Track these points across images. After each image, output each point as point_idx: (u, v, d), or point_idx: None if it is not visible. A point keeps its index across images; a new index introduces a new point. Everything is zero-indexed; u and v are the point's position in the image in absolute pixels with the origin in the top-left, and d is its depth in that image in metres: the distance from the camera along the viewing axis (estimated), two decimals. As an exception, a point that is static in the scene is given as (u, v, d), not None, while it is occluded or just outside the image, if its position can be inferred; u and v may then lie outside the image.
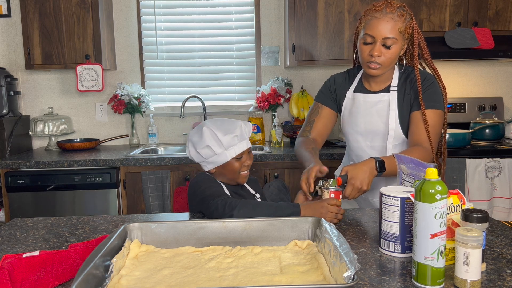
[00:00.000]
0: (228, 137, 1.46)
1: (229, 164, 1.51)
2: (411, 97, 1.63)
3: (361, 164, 1.45)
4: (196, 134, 1.51)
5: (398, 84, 1.66)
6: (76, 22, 2.92)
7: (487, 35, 2.86)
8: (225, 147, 1.48)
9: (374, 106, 1.67)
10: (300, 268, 1.01)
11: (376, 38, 1.53)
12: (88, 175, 2.67)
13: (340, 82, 1.79)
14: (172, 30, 3.31)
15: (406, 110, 1.64)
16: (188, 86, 3.36)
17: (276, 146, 3.02)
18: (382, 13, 1.52)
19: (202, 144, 1.47)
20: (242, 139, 1.51)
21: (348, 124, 1.75)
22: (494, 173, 2.60)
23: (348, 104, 1.74)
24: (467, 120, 3.18)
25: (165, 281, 0.96)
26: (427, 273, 0.92)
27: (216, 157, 1.49)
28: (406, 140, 1.65)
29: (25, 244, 1.24)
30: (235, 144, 1.49)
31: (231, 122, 1.52)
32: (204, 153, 1.49)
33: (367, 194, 1.75)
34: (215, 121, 1.52)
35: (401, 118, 1.64)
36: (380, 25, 1.52)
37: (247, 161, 1.54)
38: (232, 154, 1.49)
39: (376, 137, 1.68)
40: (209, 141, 1.46)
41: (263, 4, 3.26)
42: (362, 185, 1.41)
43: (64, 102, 3.31)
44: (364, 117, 1.68)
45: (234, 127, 1.49)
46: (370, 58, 1.56)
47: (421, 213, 0.92)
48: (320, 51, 2.95)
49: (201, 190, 1.46)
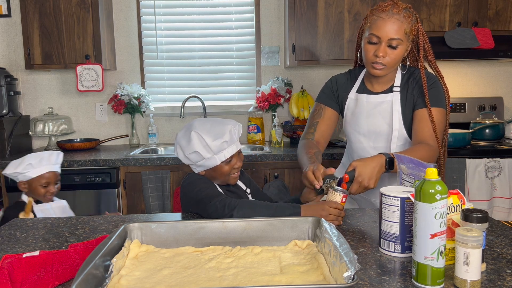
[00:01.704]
0: (217, 142, 1.43)
1: (218, 168, 1.49)
2: (414, 96, 1.62)
3: (370, 161, 1.40)
4: (183, 138, 1.47)
5: (401, 85, 1.65)
6: (76, 22, 2.92)
7: (487, 35, 2.86)
8: (214, 152, 1.44)
9: (377, 107, 1.66)
10: (300, 268, 1.01)
11: (382, 38, 1.52)
12: (88, 175, 2.67)
13: (342, 82, 1.77)
14: (172, 30, 3.31)
15: (409, 109, 1.63)
16: (188, 86, 3.36)
17: (276, 146, 3.02)
18: (388, 14, 1.51)
19: (190, 149, 1.44)
20: (232, 143, 1.47)
21: (350, 125, 1.74)
22: (494, 173, 2.60)
23: (351, 105, 1.74)
24: (467, 120, 3.18)
25: (165, 281, 0.96)
26: (427, 273, 0.92)
27: (205, 161, 1.46)
28: (409, 140, 1.65)
29: (25, 244, 1.24)
30: (225, 149, 1.46)
31: (220, 124, 1.47)
32: (193, 158, 1.46)
33: (369, 194, 1.75)
34: (204, 124, 1.47)
35: (404, 118, 1.63)
36: (387, 25, 1.51)
37: (237, 163, 1.51)
38: (221, 158, 1.46)
39: (379, 138, 1.68)
40: (197, 146, 1.42)
41: (263, 4, 3.26)
42: (369, 183, 1.37)
43: (64, 102, 3.31)
44: (367, 118, 1.68)
45: (224, 131, 1.44)
46: (374, 59, 1.55)
47: (421, 213, 0.92)
48: (320, 51, 2.95)
49: (196, 191, 1.43)
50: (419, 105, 1.61)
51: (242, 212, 1.30)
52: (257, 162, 2.71)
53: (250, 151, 2.98)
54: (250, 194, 1.64)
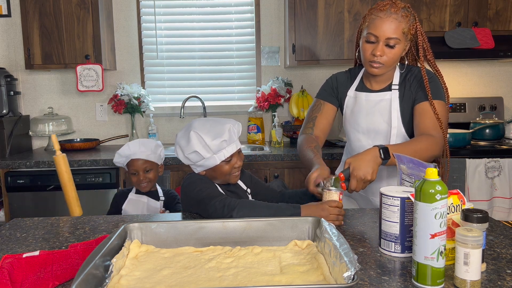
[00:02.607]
0: (216, 141, 1.42)
1: (218, 167, 1.48)
2: (412, 93, 1.63)
3: (363, 154, 1.42)
4: (183, 138, 1.47)
5: (399, 82, 1.66)
6: (76, 22, 2.92)
7: (487, 35, 2.86)
8: (213, 152, 1.44)
9: (376, 105, 1.67)
10: (300, 268, 1.01)
11: (380, 37, 1.53)
12: (88, 175, 2.67)
13: (342, 80, 1.78)
14: (172, 30, 3.31)
15: (408, 107, 1.64)
16: (188, 86, 3.36)
17: (276, 146, 3.02)
18: (386, 13, 1.52)
19: (190, 149, 1.43)
20: (231, 142, 1.47)
21: (349, 123, 1.75)
22: (494, 173, 2.60)
23: (350, 103, 1.75)
24: (467, 120, 3.18)
25: (165, 281, 0.96)
26: (427, 273, 0.92)
27: (204, 161, 1.46)
28: (408, 139, 1.65)
29: (25, 244, 1.24)
30: (224, 148, 1.45)
31: (219, 124, 1.47)
32: (192, 158, 1.46)
33: (367, 192, 1.75)
34: (204, 123, 1.47)
35: (402, 116, 1.64)
36: (384, 25, 1.52)
37: (237, 162, 1.51)
38: (221, 157, 1.45)
39: (378, 136, 1.68)
40: (197, 146, 1.42)
41: (263, 4, 3.26)
42: (365, 175, 1.37)
43: (64, 102, 3.31)
44: (366, 116, 1.69)
45: (223, 131, 1.44)
46: (372, 58, 1.57)
47: (421, 213, 0.92)
48: (320, 51, 2.95)
49: (196, 192, 1.43)
50: (419, 99, 1.61)
51: (242, 213, 1.30)
52: (257, 162, 2.71)
53: (250, 151, 2.98)
54: (251, 194, 1.64)
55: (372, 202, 1.75)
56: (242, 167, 1.58)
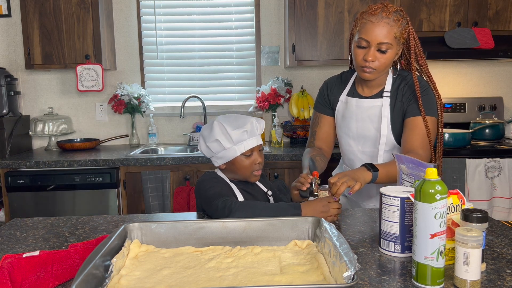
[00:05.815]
0: (237, 131, 1.44)
1: (238, 161, 1.49)
2: (404, 104, 1.61)
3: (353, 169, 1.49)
4: (207, 128, 1.50)
5: (391, 90, 1.63)
6: (76, 22, 2.92)
7: (487, 35, 2.86)
8: (234, 142, 1.45)
9: (366, 111, 1.65)
10: (300, 268, 1.01)
11: (371, 42, 1.50)
12: (88, 175, 2.67)
13: (332, 86, 1.78)
14: (172, 30, 3.31)
15: (398, 116, 1.62)
16: (188, 86, 3.36)
17: (276, 146, 3.02)
18: (378, 17, 1.48)
19: (211, 138, 1.46)
20: (252, 135, 1.48)
21: (340, 128, 1.75)
22: (494, 173, 2.60)
23: (341, 108, 1.74)
24: (467, 120, 3.18)
25: (165, 281, 0.96)
26: (427, 273, 0.92)
27: (225, 152, 1.47)
28: (397, 146, 1.64)
29: (25, 244, 1.24)
30: (245, 140, 1.46)
31: (243, 118, 1.50)
32: (213, 147, 1.47)
33: (357, 197, 1.75)
34: (228, 117, 1.51)
35: (392, 124, 1.62)
36: (376, 29, 1.48)
37: (258, 158, 1.50)
38: (241, 149, 1.46)
39: (367, 142, 1.68)
40: (218, 135, 1.45)
41: (263, 4, 3.26)
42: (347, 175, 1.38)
43: (64, 102, 3.31)
44: (356, 122, 1.68)
45: (245, 123, 1.46)
46: (364, 63, 1.54)
47: (421, 213, 0.92)
48: (320, 51, 2.95)
49: (206, 189, 1.45)
50: (410, 113, 1.58)
51: (241, 215, 1.31)
52: (257, 162, 2.71)
53: (250, 151, 2.98)
54: (271, 197, 1.64)
55: (361, 207, 1.75)
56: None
